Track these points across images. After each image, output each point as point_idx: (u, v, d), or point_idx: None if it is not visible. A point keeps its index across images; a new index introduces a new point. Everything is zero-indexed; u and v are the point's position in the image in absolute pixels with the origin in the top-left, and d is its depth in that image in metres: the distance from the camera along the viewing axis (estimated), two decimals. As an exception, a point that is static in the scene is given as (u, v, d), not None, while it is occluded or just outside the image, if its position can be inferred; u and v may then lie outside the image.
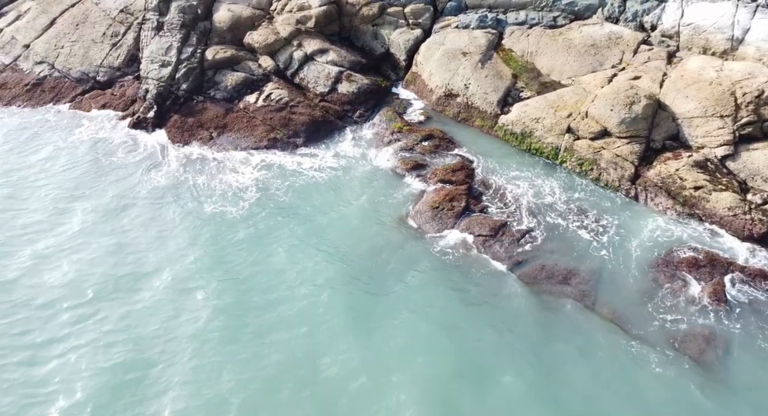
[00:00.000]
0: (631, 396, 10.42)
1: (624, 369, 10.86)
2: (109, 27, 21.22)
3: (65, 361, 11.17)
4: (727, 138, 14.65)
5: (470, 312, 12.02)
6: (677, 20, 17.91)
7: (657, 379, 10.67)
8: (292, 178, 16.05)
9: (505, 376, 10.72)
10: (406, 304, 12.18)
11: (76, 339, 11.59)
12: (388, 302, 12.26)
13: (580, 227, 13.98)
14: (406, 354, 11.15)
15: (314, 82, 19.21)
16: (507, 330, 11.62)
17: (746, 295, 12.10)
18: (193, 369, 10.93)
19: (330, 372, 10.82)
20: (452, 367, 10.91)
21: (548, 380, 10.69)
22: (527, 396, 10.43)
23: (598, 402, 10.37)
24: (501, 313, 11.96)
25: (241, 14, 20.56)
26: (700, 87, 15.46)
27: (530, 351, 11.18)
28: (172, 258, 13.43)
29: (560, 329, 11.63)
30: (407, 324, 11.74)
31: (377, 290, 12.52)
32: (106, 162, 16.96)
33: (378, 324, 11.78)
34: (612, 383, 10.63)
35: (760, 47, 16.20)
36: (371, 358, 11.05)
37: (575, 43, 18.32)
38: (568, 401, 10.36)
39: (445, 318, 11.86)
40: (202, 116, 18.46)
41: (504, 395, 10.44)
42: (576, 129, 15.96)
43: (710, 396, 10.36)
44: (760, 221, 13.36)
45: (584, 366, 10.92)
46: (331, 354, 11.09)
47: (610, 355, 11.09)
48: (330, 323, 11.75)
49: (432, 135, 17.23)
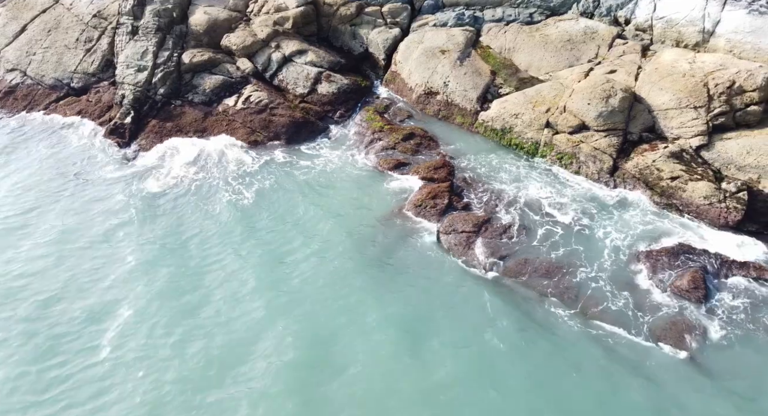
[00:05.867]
0: (613, 387, 10.60)
1: (603, 359, 11.03)
2: (83, 32, 20.85)
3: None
4: (701, 128, 14.95)
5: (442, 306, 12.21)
6: (650, 14, 18.21)
7: (636, 368, 10.86)
8: (272, 180, 15.96)
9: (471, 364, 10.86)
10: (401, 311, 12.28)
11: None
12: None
13: (560, 220, 14.14)
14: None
15: (294, 83, 19.11)
16: (488, 327, 11.76)
17: (723, 283, 12.37)
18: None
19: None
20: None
21: (524, 372, 10.90)
22: (494, 381, 10.62)
23: (577, 393, 10.54)
24: (480, 311, 12.09)
25: (218, 17, 20.37)
26: (674, 79, 15.74)
27: (505, 350, 11.32)
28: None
29: (539, 322, 11.77)
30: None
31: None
32: (80, 170, 16.70)
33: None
34: (589, 376, 10.79)
35: (731, 39, 16.55)
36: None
37: (552, 38, 18.51)
38: (544, 389, 10.56)
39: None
40: (180, 120, 18.25)
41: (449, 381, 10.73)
42: (555, 123, 16.13)
43: (689, 384, 10.56)
44: (734, 209, 13.65)
45: (561, 357, 11.08)
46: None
47: (590, 347, 11.25)
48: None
49: (413, 133, 17.27)
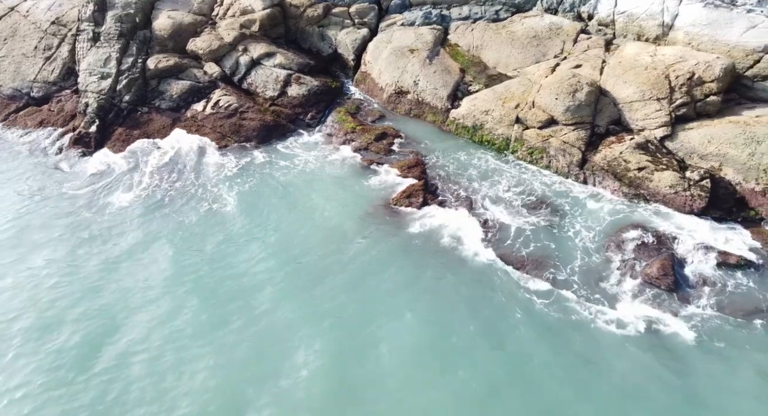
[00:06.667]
0: (594, 375, 10.83)
1: (580, 346, 11.26)
2: (41, 40, 20.21)
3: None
4: (664, 119, 15.37)
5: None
6: (612, 9, 18.64)
7: (611, 353, 11.12)
8: (243, 184, 15.77)
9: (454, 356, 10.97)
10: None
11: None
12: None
13: (533, 214, 14.36)
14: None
15: (263, 87, 18.92)
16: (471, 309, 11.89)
17: (691, 268, 12.75)
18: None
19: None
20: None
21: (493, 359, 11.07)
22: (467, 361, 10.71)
23: (556, 373, 10.76)
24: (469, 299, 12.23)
25: (183, 21, 20.01)
26: (637, 72, 16.14)
27: (485, 335, 11.48)
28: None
29: (514, 313, 11.95)
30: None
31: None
32: (42, 185, 16.19)
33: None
34: (568, 362, 11.01)
35: (689, 32, 17.06)
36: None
37: (518, 35, 18.78)
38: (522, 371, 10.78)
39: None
40: (148, 127, 17.87)
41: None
42: (524, 119, 16.37)
43: (662, 368, 10.87)
44: (699, 196, 14.09)
45: (538, 344, 11.29)
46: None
47: (566, 336, 11.47)
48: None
49: (385, 133, 17.30)
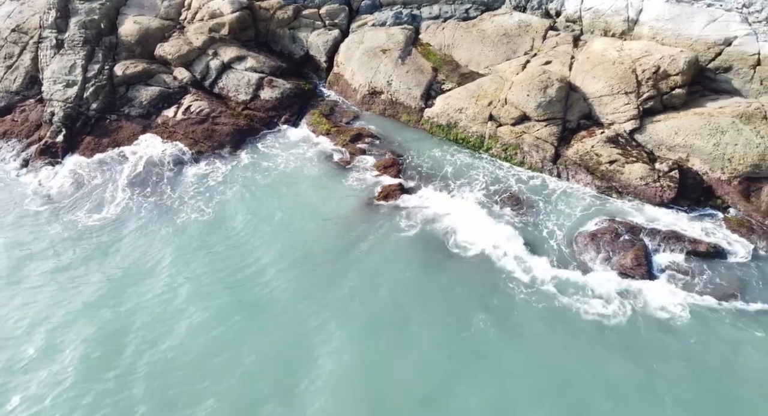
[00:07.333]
0: (579, 367, 11.02)
1: (561, 336, 11.44)
2: (1, 48, 19.59)
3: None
4: (632, 113, 15.70)
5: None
6: (578, 5, 18.94)
7: (587, 340, 11.33)
8: (220, 191, 15.55)
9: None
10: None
11: None
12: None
13: (509, 210, 14.50)
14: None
15: (235, 91, 18.69)
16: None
17: (664, 257, 13.06)
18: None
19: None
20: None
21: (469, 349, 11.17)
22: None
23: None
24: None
25: (149, 26, 19.63)
26: (605, 67, 16.45)
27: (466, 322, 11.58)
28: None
29: (498, 305, 12.08)
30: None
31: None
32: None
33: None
34: (541, 357, 11.18)
35: (653, 26, 17.45)
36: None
37: (488, 33, 18.94)
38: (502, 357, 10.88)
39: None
40: (117, 135, 17.48)
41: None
42: (498, 116, 16.52)
43: (640, 355, 11.11)
44: (668, 187, 14.43)
45: (513, 335, 11.44)
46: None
47: (544, 328, 11.64)
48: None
49: (360, 134, 17.26)
